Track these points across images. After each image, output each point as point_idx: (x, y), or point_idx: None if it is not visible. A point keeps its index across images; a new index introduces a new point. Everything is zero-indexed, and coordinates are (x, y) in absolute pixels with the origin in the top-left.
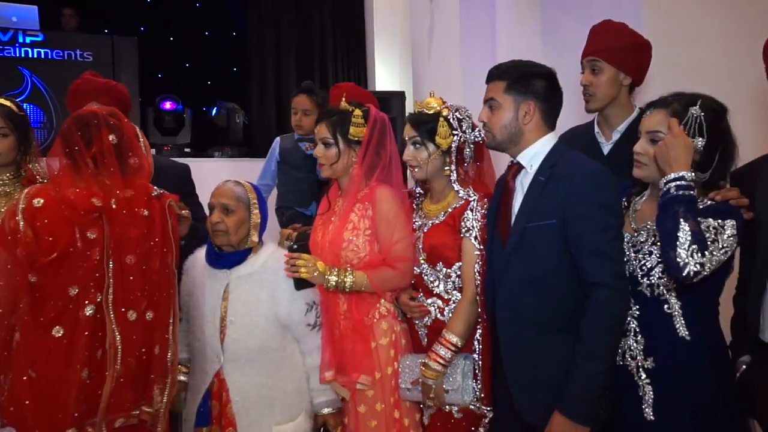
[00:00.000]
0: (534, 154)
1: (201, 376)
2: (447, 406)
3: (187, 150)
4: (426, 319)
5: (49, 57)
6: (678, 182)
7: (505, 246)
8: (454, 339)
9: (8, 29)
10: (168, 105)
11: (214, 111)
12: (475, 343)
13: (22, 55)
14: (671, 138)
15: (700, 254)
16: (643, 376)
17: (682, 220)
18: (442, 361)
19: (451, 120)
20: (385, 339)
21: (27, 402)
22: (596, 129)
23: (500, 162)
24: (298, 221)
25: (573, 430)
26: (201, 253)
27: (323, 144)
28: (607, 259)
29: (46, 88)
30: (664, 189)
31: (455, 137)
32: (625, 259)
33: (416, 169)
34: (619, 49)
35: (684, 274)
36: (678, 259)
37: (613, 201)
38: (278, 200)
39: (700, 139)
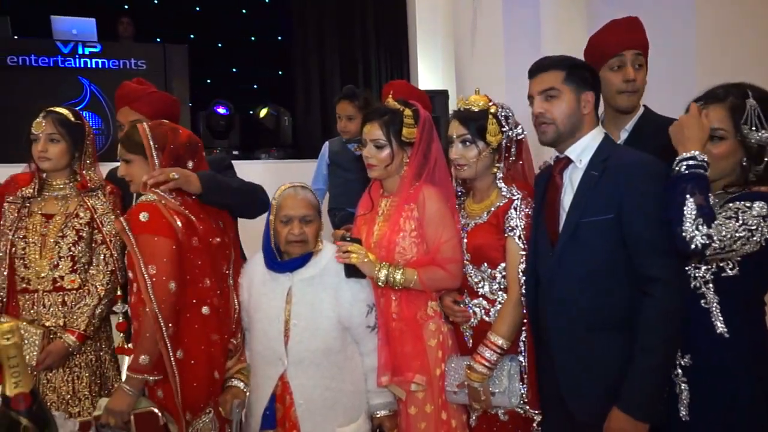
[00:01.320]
0: (584, 148)
1: (266, 380)
2: (493, 409)
3: (235, 153)
4: (471, 319)
5: (106, 66)
6: (689, 161)
7: (554, 243)
8: (500, 341)
9: (69, 41)
10: (221, 110)
11: (263, 112)
12: (521, 344)
13: (82, 66)
14: (687, 118)
15: (705, 226)
16: (680, 373)
17: (688, 195)
18: (487, 364)
19: (500, 117)
20: (434, 340)
21: (178, 382)
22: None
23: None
24: (350, 222)
25: (632, 427)
26: (259, 257)
27: (375, 146)
28: (665, 254)
29: (103, 97)
30: (675, 169)
31: (504, 134)
32: None
33: (465, 168)
34: (647, 47)
35: (692, 248)
36: (684, 233)
37: None
38: (330, 202)
39: (764, 131)
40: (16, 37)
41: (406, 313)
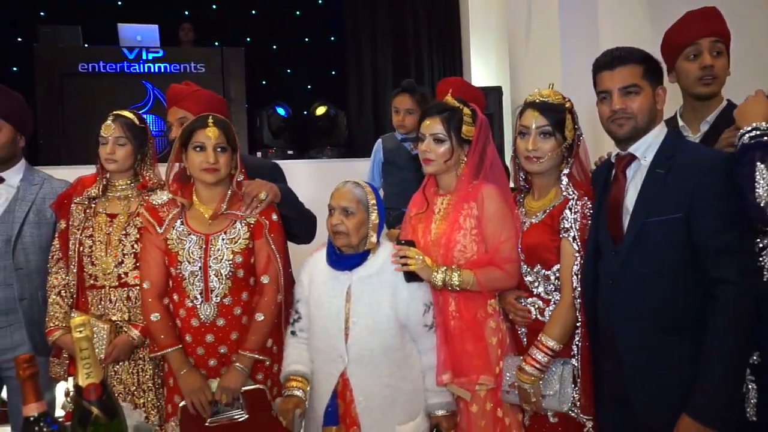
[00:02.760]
0: (649, 145)
1: (327, 377)
2: (543, 410)
3: (290, 152)
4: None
5: (168, 71)
6: (751, 133)
7: (617, 243)
8: (551, 343)
9: (134, 48)
10: (281, 110)
11: (321, 110)
12: (574, 348)
13: (145, 71)
14: (754, 98)
15: None
16: (747, 372)
17: (758, 162)
18: (538, 366)
19: (574, 113)
20: (494, 338)
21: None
22: (680, 122)
23: None
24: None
25: None
26: (321, 254)
27: (434, 139)
28: (737, 254)
29: (165, 100)
30: (739, 143)
31: (576, 131)
32: None
33: (541, 161)
34: (727, 35)
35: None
36: (758, 200)
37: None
38: (384, 201)
39: None
40: (86, 45)
41: (466, 312)
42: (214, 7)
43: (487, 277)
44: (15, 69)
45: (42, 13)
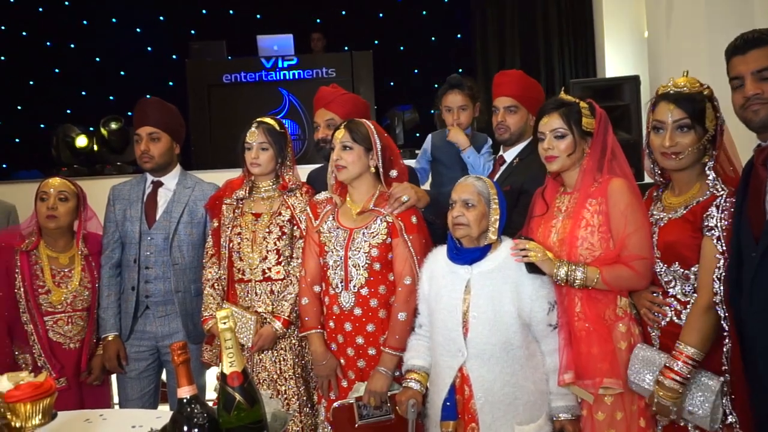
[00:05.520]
0: None
1: (446, 371)
2: (682, 421)
3: (417, 151)
4: (661, 319)
5: (301, 77)
6: None
7: (758, 242)
8: (690, 351)
9: (271, 57)
10: (408, 112)
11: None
12: (724, 359)
13: (282, 78)
14: None
15: None
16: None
17: None
18: (679, 378)
19: (714, 101)
20: (624, 343)
21: None
22: None
23: None
24: None
25: None
26: (440, 251)
27: (555, 136)
28: None
29: (300, 105)
30: None
31: (718, 120)
32: None
33: (680, 157)
34: None
35: None
36: None
37: None
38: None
39: None
40: (229, 57)
41: (592, 312)
42: (343, 13)
43: (614, 275)
44: (171, 83)
45: (192, 32)
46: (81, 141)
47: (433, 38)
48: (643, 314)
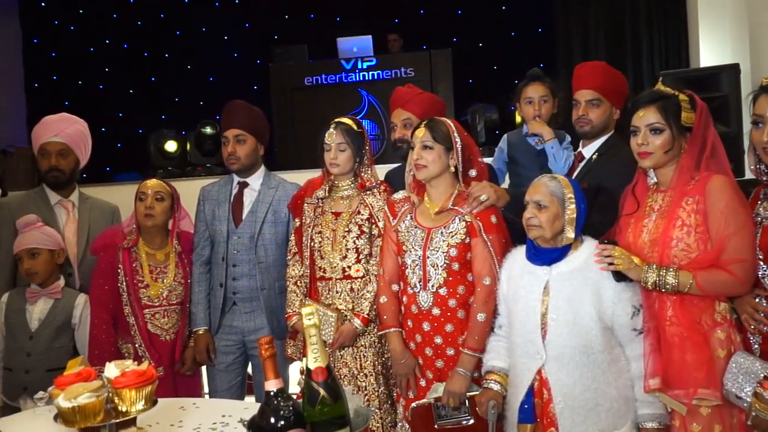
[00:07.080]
0: None
1: (524, 373)
2: None
3: (496, 149)
4: (763, 326)
5: (380, 78)
6: None
7: None
8: None
9: (350, 59)
10: (491, 112)
11: None
12: None
13: (361, 79)
14: None
15: None
16: None
17: None
18: None
19: None
20: (722, 351)
21: None
22: None
23: None
24: None
25: None
26: (519, 251)
27: (651, 130)
28: None
29: (378, 105)
30: None
31: None
32: None
33: None
34: None
35: None
36: None
37: None
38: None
39: None
40: (311, 60)
41: (686, 317)
42: (422, 12)
43: (710, 280)
44: (255, 87)
45: (275, 36)
46: (170, 146)
47: (512, 33)
48: (744, 320)
